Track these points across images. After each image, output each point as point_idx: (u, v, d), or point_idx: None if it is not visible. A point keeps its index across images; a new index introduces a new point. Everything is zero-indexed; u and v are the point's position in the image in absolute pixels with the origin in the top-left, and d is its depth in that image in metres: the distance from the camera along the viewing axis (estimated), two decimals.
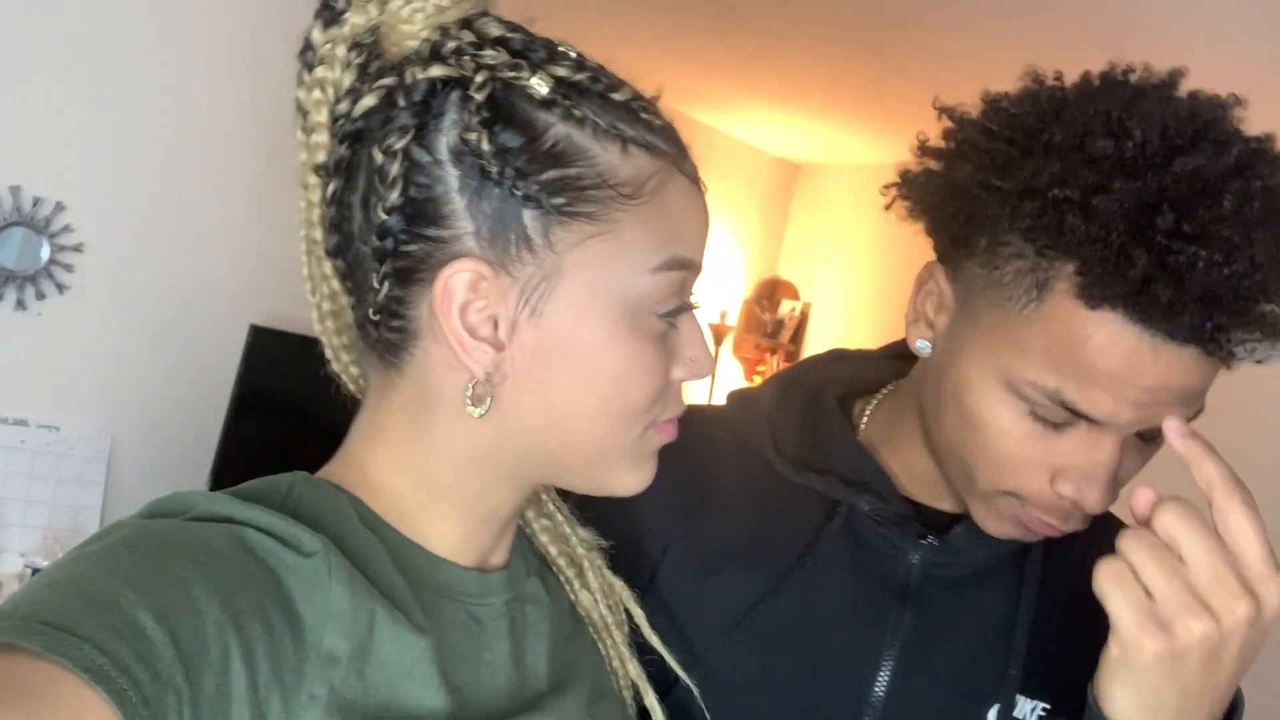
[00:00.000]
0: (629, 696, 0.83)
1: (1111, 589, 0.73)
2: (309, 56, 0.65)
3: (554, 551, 0.82)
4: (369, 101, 0.64)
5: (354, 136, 0.65)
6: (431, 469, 0.69)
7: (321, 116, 0.65)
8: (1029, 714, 0.91)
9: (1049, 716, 0.91)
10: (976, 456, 0.85)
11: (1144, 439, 0.83)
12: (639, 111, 0.67)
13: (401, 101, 0.62)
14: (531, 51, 0.64)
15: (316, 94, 0.64)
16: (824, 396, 1.03)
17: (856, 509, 0.95)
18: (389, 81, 0.63)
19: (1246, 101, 0.80)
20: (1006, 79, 0.89)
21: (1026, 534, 0.88)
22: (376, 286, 0.65)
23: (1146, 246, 0.72)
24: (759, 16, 3.29)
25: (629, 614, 0.84)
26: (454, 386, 0.66)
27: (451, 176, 0.63)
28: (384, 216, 0.63)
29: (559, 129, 0.63)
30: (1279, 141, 0.79)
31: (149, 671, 0.50)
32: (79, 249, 2.75)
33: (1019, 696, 0.91)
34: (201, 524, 0.60)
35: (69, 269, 2.74)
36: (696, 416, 0.97)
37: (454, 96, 0.63)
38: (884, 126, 4.24)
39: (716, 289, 4.94)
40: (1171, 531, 0.72)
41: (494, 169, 0.62)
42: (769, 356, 5.19)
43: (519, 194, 0.62)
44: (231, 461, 2.79)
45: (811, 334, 5.06)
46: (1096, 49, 0.88)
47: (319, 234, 0.68)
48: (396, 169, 0.62)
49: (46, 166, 2.69)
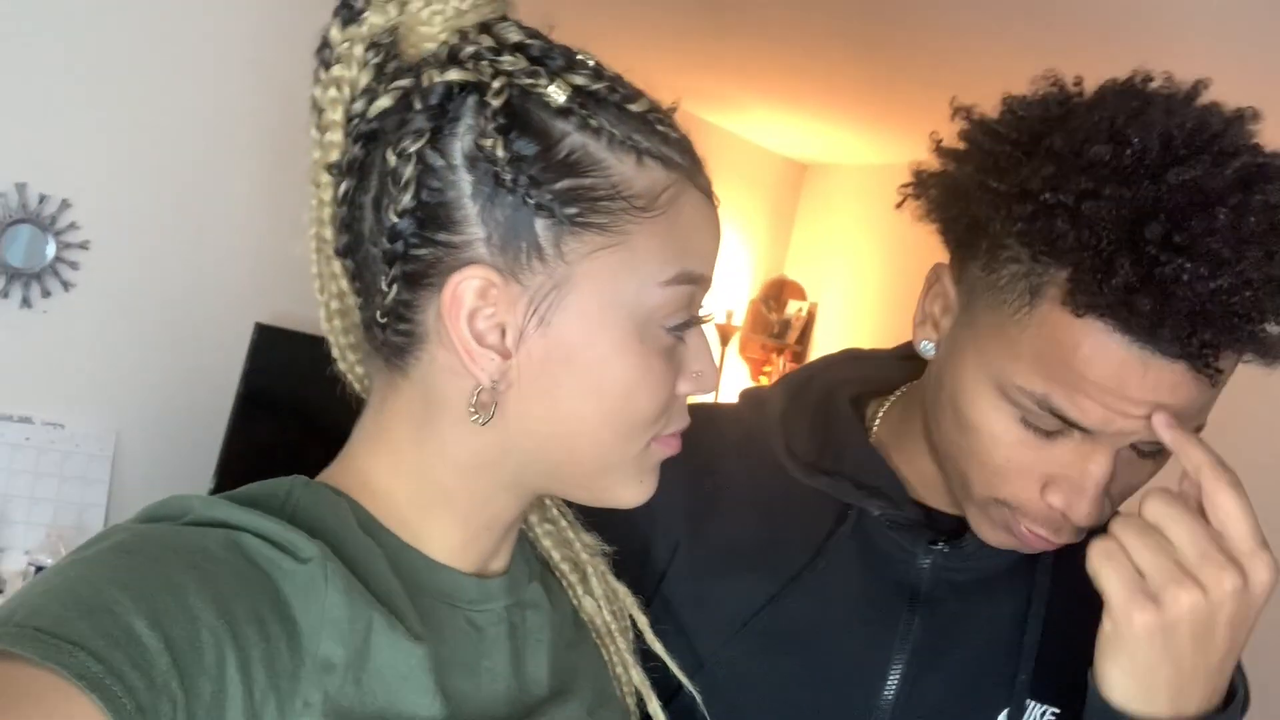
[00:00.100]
0: (632, 704, 0.82)
1: (1103, 565, 0.75)
2: (326, 54, 0.64)
3: (557, 557, 0.82)
4: (384, 102, 0.63)
5: (368, 137, 0.64)
6: (433, 474, 0.69)
7: (336, 115, 0.64)
8: (1039, 718, 0.91)
9: None
10: (970, 462, 0.85)
11: (1142, 454, 0.82)
12: (655, 123, 0.66)
13: (417, 104, 0.62)
14: (550, 59, 0.64)
15: (332, 92, 0.64)
16: (837, 398, 1.02)
17: (867, 513, 0.95)
18: (405, 83, 0.63)
19: (1262, 114, 0.78)
20: (1015, 79, 0.87)
21: (1021, 545, 0.87)
22: (385, 289, 0.65)
23: (1133, 255, 0.71)
24: (766, 16, 3.29)
25: (633, 620, 0.84)
26: (458, 392, 0.66)
27: (465, 182, 0.62)
28: (395, 219, 0.63)
29: (574, 138, 0.63)
30: None
31: (143, 678, 0.50)
32: (84, 246, 2.75)
33: (1029, 701, 0.91)
34: (198, 529, 0.60)
35: (74, 266, 2.75)
36: (708, 415, 0.97)
37: (470, 101, 0.62)
38: (892, 127, 4.24)
39: (723, 289, 4.94)
40: (1158, 515, 0.75)
41: (508, 176, 0.61)
42: (775, 357, 5.18)
43: (532, 202, 0.62)
44: (236, 460, 2.80)
45: (818, 334, 5.05)
46: (1102, 49, 0.87)
47: (329, 233, 0.68)
48: (410, 172, 0.62)
49: (52, 164, 2.70)
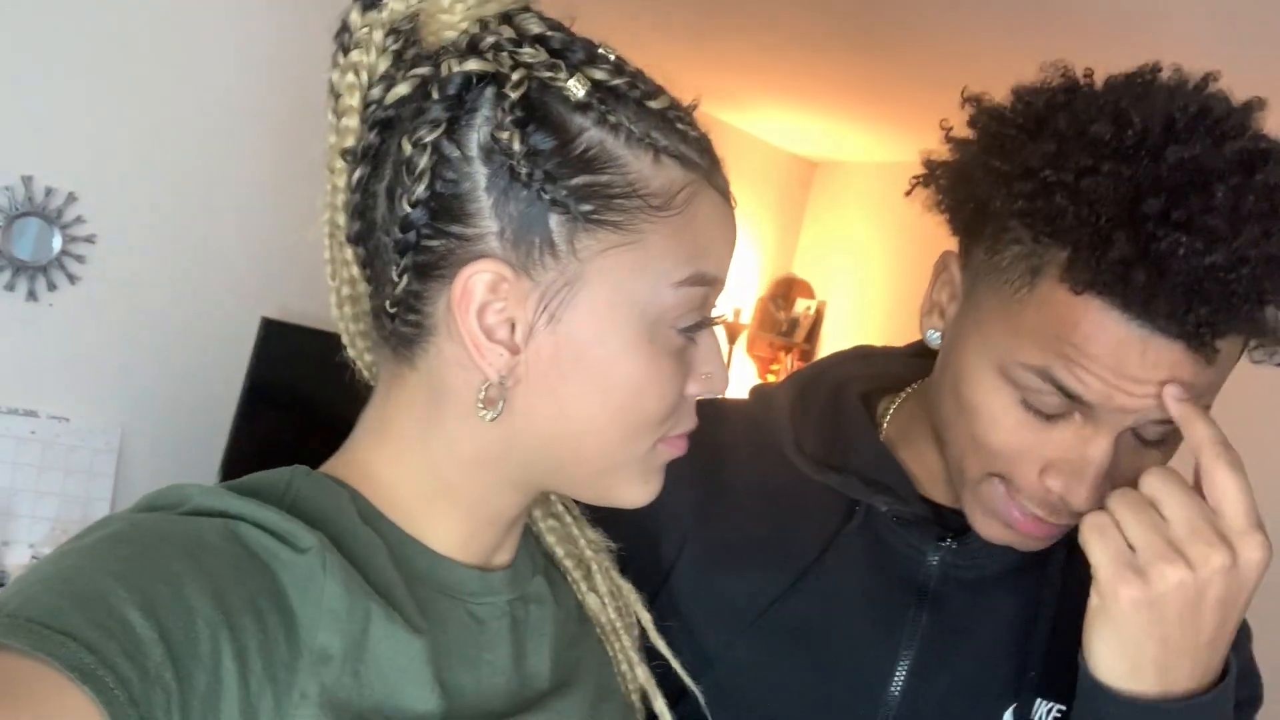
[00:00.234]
0: (638, 701, 0.81)
1: (1093, 537, 0.76)
2: (345, 39, 0.64)
3: (561, 552, 0.81)
4: (402, 90, 0.63)
5: (384, 124, 0.64)
6: (437, 467, 0.69)
7: (353, 101, 0.64)
8: (1045, 716, 0.91)
9: (1065, 718, 0.90)
10: (968, 444, 0.85)
11: (1145, 442, 0.81)
12: (675, 121, 0.65)
13: (435, 94, 0.61)
14: (570, 52, 0.63)
15: (350, 77, 0.64)
16: (846, 394, 1.02)
17: (875, 509, 0.95)
18: (424, 71, 0.62)
19: (1267, 103, 0.79)
20: (1025, 78, 0.87)
21: (1017, 538, 0.86)
22: (395, 279, 0.64)
23: (1130, 231, 0.71)
24: (776, 13, 3.28)
25: (638, 617, 0.83)
26: (465, 385, 0.65)
27: (480, 174, 0.62)
28: (408, 209, 0.62)
29: (592, 134, 0.62)
30: None
31: (137, 669, 0.49)
32: (91, 240, 2.75)
33: (1036, 698, 0.91)
34: (195, 518, 0.60)
35: (80, 260, 2.75)
36: (716, 412, 0.97)
37: (488, 93, 0.62)
38: (902, 124, 4.23)
39: (731, 287, 4.92)
40: (1154, 490, 0.75)
41: (523, 170, 0.61)
42: (783, 355, 5.18)
43: (547, 197, 0.61)
44: (241, 454, 2.80)
45: (826, 333, 5.04)
46: (1112, 48, 0.87)
47: (342, 219, 0.67)
48: (425, 162, 0.61)
49: (59, 157, 2.70)
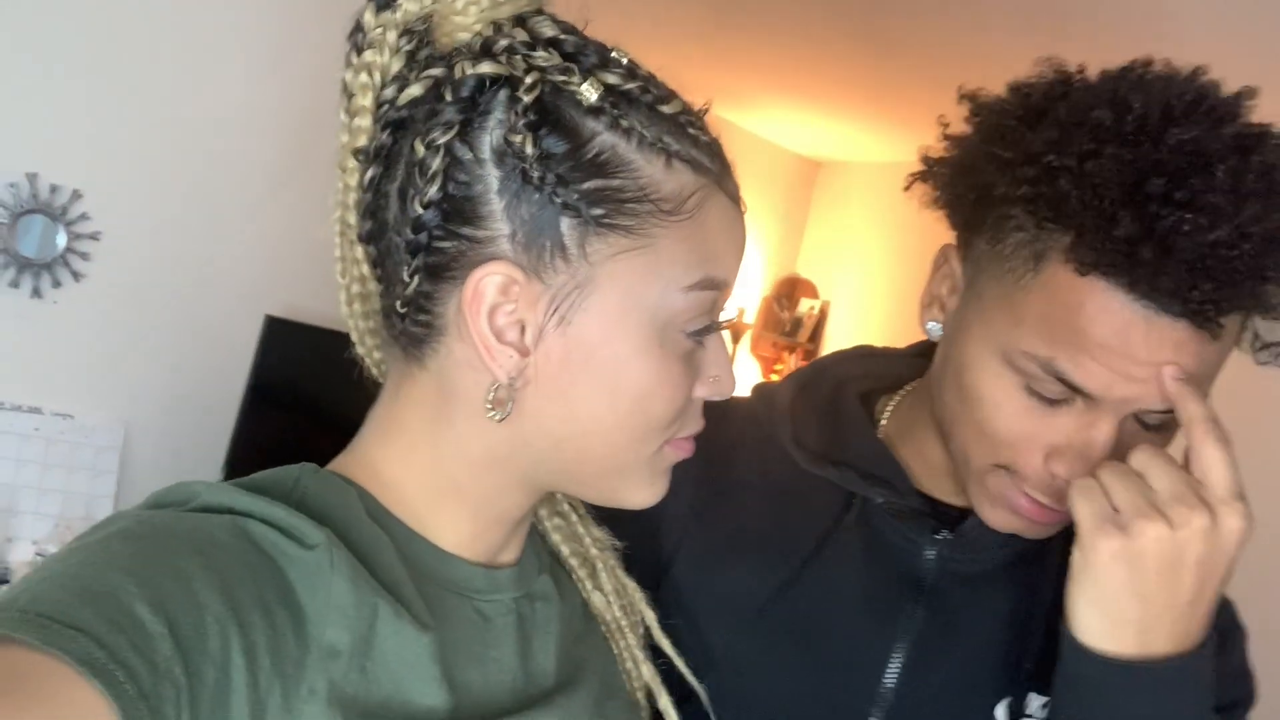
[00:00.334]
0: (643, 698, 0.82)
1: (1078, 497, 0.78)
2: (359, 39, 0.64)
3: (566, 551, 0.82)
4: (415, 90, 0.63)
5: (396, 124, 0.64)
6: (445, 466, 0.69)
7: (366, 100, 0.64)
8: (1038, 709, 0.91)
9: None
10: (971, 432, 0.86)
11: (1146, 427, 0.82)
12: (686, 126, 0.66)
13: (448, 95, 0.62)
14: (584, 56, 0.63)
15: (363, 77, 0.64)
16: (846, 391, 1.03)
17: (872, 503, 0.96)
18: (437, 72, 0.63)
19: (1259, 91, 0.80)
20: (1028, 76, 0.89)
21: (1024, 525, 0.87)
22: (406, 279, 0.64)
23: (1134, 210, 0.73)
24: (781, 12, 3.28)
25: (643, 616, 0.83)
26: (474, 386, 0.66)
27: (492, 177, 0.62)
28: (420, 210, 0.62)
29: (604, 138, 0.62)
30: None
31: (146, 664, 0.49)
32: (95, 237, 2.75)
33: (1030, 692, 0.92)
34: (203, 515, 0.60)
35: (85, 257, 2.75)
36: (718, 408, 0.97)
37: (502, 95, 0.62)
38: (906, 124, 4.23)
39: (736, 287, 4.92)
40: (1142, 461, 0.77)
41: (535, 173, 0.61)
42: (787, 355, 5.18)
43: (558, 201, 0.62)
44: (245, 452, 2.80)
45: (830, 333, 5.04)
46: (1118, 47, 0.88)
47: (353, 218, 0.68)
48: (437, 164, 0.61)
49: (64, 154, 2.70)
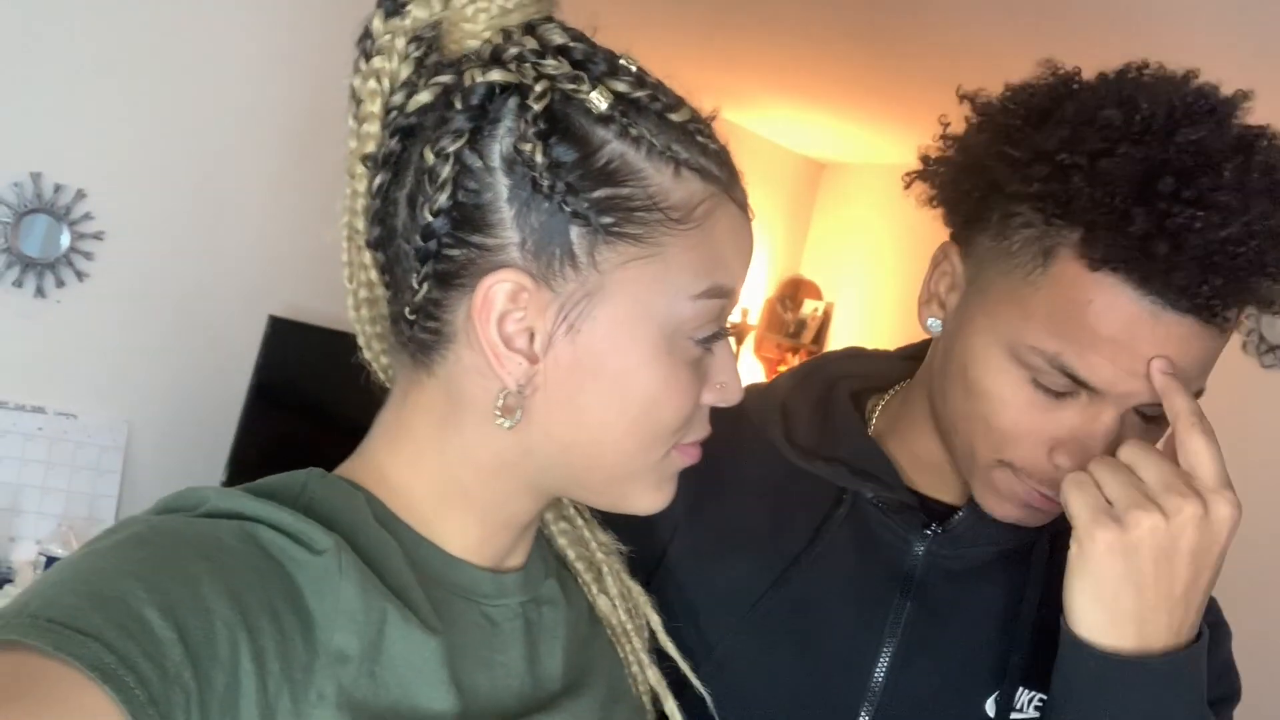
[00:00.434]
0: (648, 702, 0.82)
1: (1072, 491, 0.79)
2: (367, 45, 0.64)
3: (572, 555, 0.82)
4: (424, 98, 0.63)
5: (405, 131, 0.64)
6: (453, 472, 0.69)
7: (374, 107, 0.64)
8: (1026, 704, 0.93)
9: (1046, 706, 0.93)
10: (977, 427, 0.87)
11: (1146, 419, 0.84)
12: (695, 134, 0.66)
13: (458, 103, 0.62)
14: (593, 64, 0.63)
15: (371, 84, 0.64)
16: (837, 390, 1.05)
17: (862, 498, 0.97)
18: (446, 79, 0.63)
19: (1254, 93, 0.83)
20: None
21: (1028, 514, 0.89)
22: (415, 286, 0.64)
23: (1148, 207, 0.75)
24: (785, 12, 3.28)
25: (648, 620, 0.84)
26: (483, 393, 0.66)
27: (502, 185, 0.62)
28: (430, 218, 0.62)
29: (614, 146, 0.62)
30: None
31: (156, 669, 0.50)
32: (99, 237, 2.75)
33: (1019, 687, 0.93)
34: (212, 520, 0.60)
35: (89, 257, 2.75)
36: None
37: (511, 103, 0.62)
38: (910, 125, 4.22)
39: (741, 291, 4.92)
40: (1131, 455, 0.79)
41: (545, 182, 0.61)
42: (790, 356, 5.17)
43: (568, 209, 0.62)
44: (248, 452, 2.80)
45: (834, 334, 5.03)
46: (1124, 48, 0.89)
47: (361, 224, 0.68)
48: (447, 171, 0.61)
49: (68, 154, 2.70)
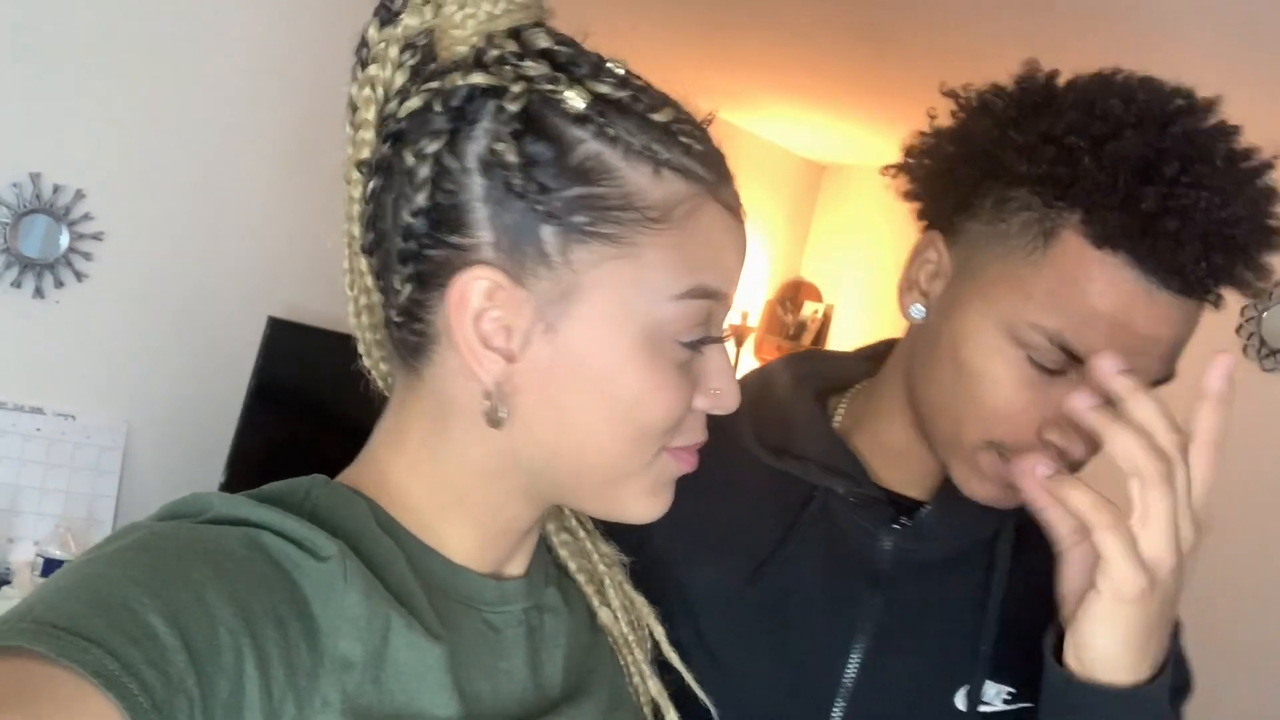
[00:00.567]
0: (649, 713, 0.81)
1: (1111, 535, 0.74)
2: (363, 54, 0.65)
3: (573, 566, 0.81)
4: (414, 103, 0.64)
5: (396, 136, 0.65)
6: (448, 476, 0.69)
7: (369, 114, 0.65)
8: (994, 697, 0.94)
9: (1015, 700, 0.94)
10: (967, 407, 0.88)
11: None
12: (679, 134, 0.65)
13: (438, 106, 0.62)
14: (575, 66, 0.64)
15: (366, 91, 0.65)
16: (802, 389, 1.07)
17: (833, 495, 0.99)
18: (435, 85, 0.63)
19: (1223, 98, 0.88)
20: None
21: (1007, 495, 0.89)
22: (398, 288, 0.65)
23: (1155, 188, 0.80)
24: (786, 13, 3.28)
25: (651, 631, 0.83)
26: (469, 396, 0.66)
27: (477, 185, 0.62)
28: (409, 219, 0.63)
29: (590, 146, 0.62)
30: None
31: (160, 676, 0.49)
32: (98, 238, 2.75)
33: (986, 680, 0.94)
34: (217, 527, 0.60)
35: (88, 257, 2.75)
36: None
37: (490, 105, 0.62)
38: (910, 127, 4.21)
39: (739, 290, 4.91)
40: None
41: (517, 181, 0.61)
42: None
43: (540, 209, 0.62)
44: (247, 453, 2.79)
45: (834, 336, 5.03)
46: (1124, 48, 0.91)
47: (358, 230, 0.68)
48: (425, 172, 0.62)
49: (67, 154, 2.70)
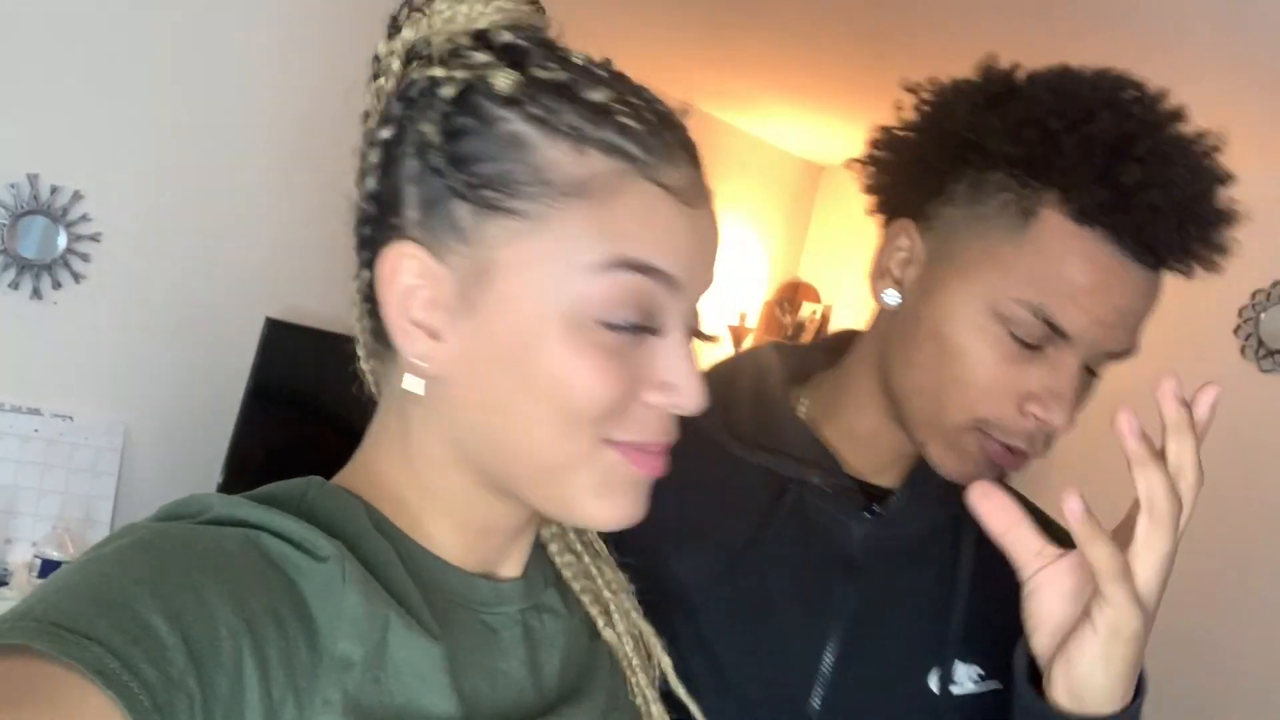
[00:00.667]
0: None
1: (1118, 577, 0.74)
2: (375, 66, 0.68)
3: (578, 588, 0.80)
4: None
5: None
6: (416, 469, 0.69)
7: (374, 123, 0.68)
8: (965, 678, 0.97)
9: (984, 680, 0.97)
10: (951, 385, 0.91)
11: (1091, 373, 0.91)
12: (615, 114, 0.64)
13: (396, 99, 0.65)
14: (524, 55, 0.65)
15: (373, 102, 0.68)
16: (769, 382, 1.08)
17: (806, 486, 1.00)
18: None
19: (1168, 89, 0.93)
20: None
21: (987, 471, 0.92)
22: (359, 274, 0.68)
23: (1134, 165, 0.84)
24: (785, 14, 3.29)
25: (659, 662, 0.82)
26: (440, 389, 0.67)
27: (410, 166, 0.65)
28: (362, 204, 0.67)
29: (512, 125, 0.63)
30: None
31: (160, 675, 0.50)
32: (96, 239, 2.75)
33: (956, 661, 0.97)
34: (216, 527, 0.60)
35: (85, 259, 2.75)
36: None
37: (434, 93, 0.65)
38: None
39: (737, 291, 4.93)
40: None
41: (438, 159, 0.63)
42: None
43: (455, 186, 0.63)
44: (245, 454, 2.79)
45: None
46: (1124, 48, 0.93)
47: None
48: (375, 159, 0.66)
49: (64, 155, 2.70)
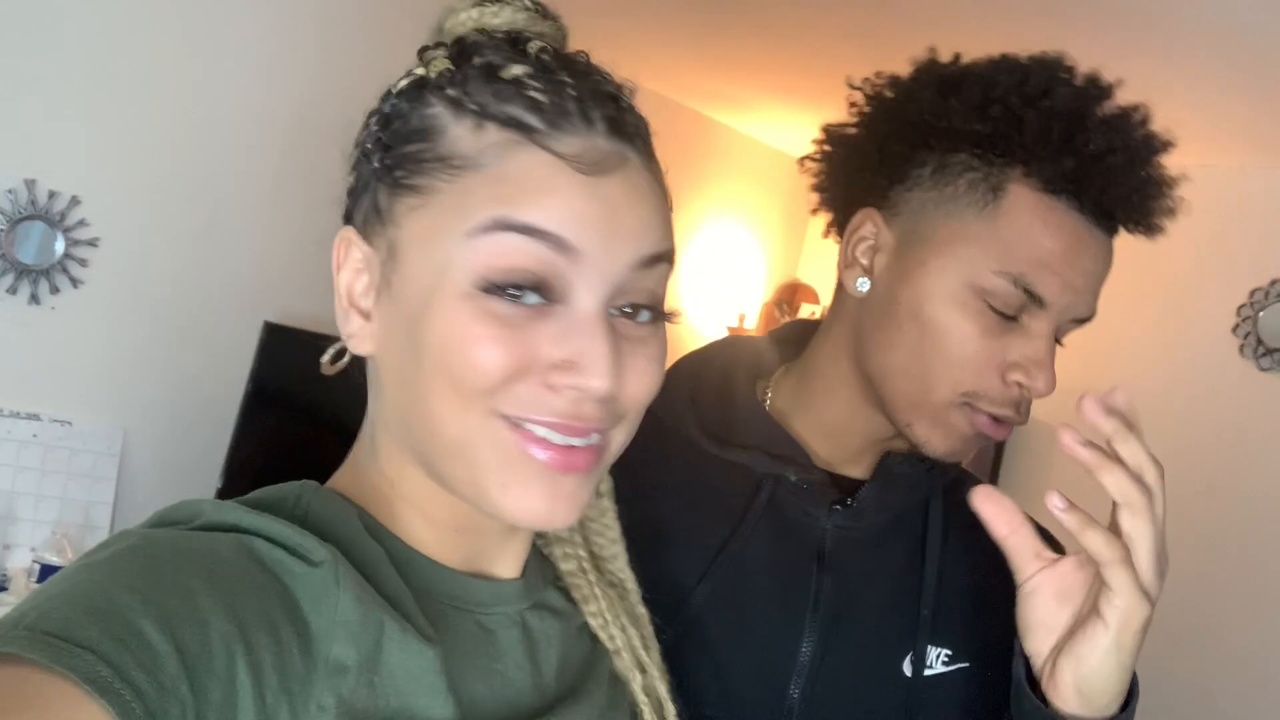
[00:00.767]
0: None
1: (1122, 570, 0.76)
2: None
3: (579, 593, 0.80)
4: None
5: None
6: (382, 465, 0.70)
7: None
8: (935, 660, 0.99)
9: (952, 661, 0.99)
10: (935, 362, 0.93)
11: (1057, 341, 0.95)
12: (526, 89, 0.63)
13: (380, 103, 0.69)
14: (475, 48, 0.65)
15: None
16: (735, 377, 1.08)
17: (780, 481, 1.00)
18: None
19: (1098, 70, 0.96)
20: None
21: (973, 444, 0.96)
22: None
23: (1095, 134, 0.89)
24: (779, 15, 3.29)
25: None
26: (374, 375, 0.69)
27: (355, 156, 0.70)
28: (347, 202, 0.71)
29: (430, 110, 0.65)
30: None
31: (153, 682, 0.49)
32: (94, 243, 2.75)
33: (928, 645, 0.99)
34: (208, 533, 0.60)
35: (83, 263, 2.75)
36: None
37: (390, 88, 0.68)
38: None
39: (735, 292, 4.92)
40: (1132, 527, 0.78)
41: (369, 146, 0.67)
42: None
43: (376, 170, 0.67)
44: (243, 458, 2.79)
45: None
46: (1123, 47, 0.95)
47: None
48: (353, 158, 0.70)
49: (62, 160, 2.70)
